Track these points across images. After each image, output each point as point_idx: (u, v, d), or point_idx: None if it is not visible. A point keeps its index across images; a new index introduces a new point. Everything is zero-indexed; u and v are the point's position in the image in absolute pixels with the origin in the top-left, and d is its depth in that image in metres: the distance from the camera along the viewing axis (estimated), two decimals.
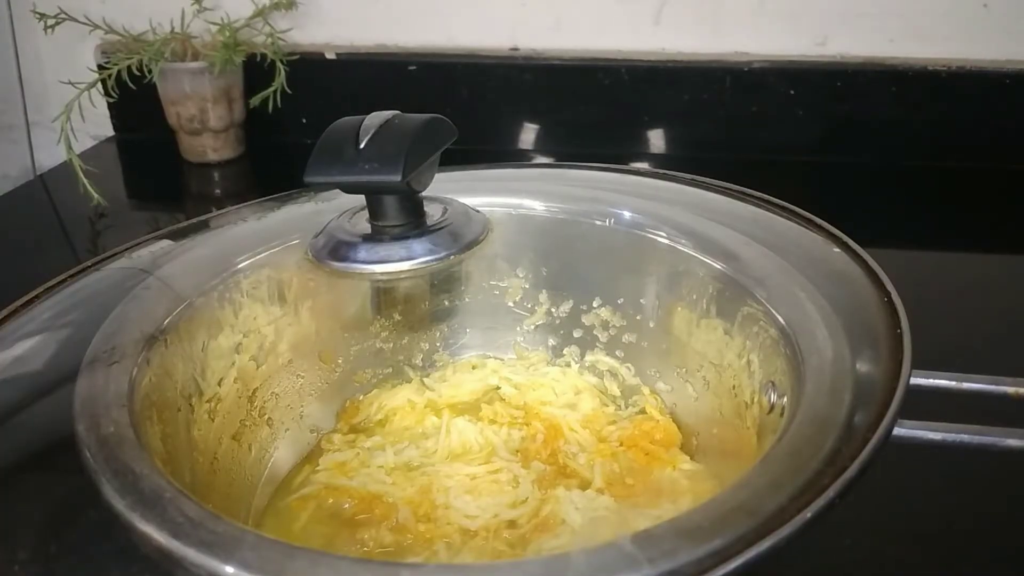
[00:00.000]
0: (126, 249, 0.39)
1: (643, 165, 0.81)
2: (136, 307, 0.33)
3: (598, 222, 0.42)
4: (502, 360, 0.46)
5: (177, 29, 0.77)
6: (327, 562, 0.22)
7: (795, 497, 0.23)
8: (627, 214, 0.41)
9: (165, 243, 0.40)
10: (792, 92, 0.78)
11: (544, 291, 0.45)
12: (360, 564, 0.24)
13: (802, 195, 0.79)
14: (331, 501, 0.38)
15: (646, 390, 0.43)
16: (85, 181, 0.69)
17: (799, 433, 0.25)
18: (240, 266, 0.38)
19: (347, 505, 0.38)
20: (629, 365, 0.44)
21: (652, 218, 0.40)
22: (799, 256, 0.35)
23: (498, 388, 0.45)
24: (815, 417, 0.26)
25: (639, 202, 0.41)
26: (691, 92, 0.79)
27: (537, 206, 0.43)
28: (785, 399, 0.30)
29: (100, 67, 0.81)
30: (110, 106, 0.83)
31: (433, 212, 0.34)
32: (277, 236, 0.40)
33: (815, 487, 0.23)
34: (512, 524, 0.36)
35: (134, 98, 0.76)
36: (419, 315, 0.45)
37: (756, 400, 0.34)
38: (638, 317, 0.43)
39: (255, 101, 0.79)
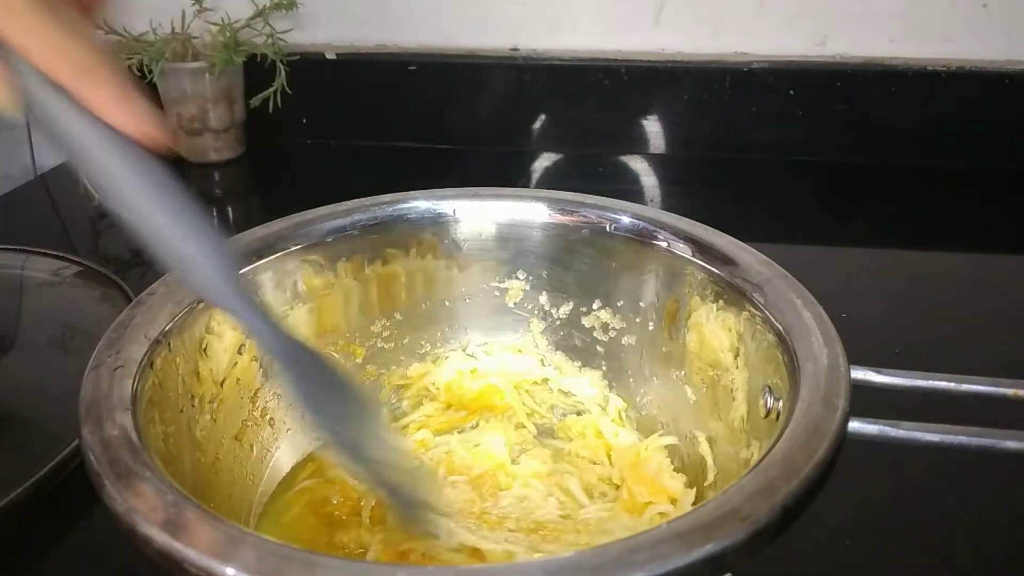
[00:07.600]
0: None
1: (643, 165, 0.81)
2: (139, 312, 0.33)
3: (598, 226, 0.42)
4: (503, 361, 0.47)
5: (177, 29, 0.77)
6: (326, 564, 0.23)
7: (788, 503, 0.23)
8: (627, 219, 0.41)
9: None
10: (792, 92, 0.78)
11: (544, 293, 0.45)
12: (358, 566, 0.24)
13: (802, 195, 0.79)
14: (323, 495, 0.38)
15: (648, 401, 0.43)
16: (86, 181, 0.69)
17: (793, 439, 0.26)
18: (243, 270, 0.38)
19: (336, 500, 0.38)
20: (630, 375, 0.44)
21: (652, 223, 0.41)
22: None
23: (498, 390, 0.45)
24: (809, 424, 0.26)
25: (639, 207, 0.42)
26: (691, 92, 0.79)
27: (538, 209, 0.44)
28: (781, 403, 0.30)
29: None
30: None
31: None
32: (280, 240, 0.40)
33: (808, 493, 0.24)
34: (512, 525, 0.37)
35: None
36: (420, 315, 0.46)
37: (753, 404, 0.34)
38: (637, 320, 0.43)
39: (255, 101, 0.79)
